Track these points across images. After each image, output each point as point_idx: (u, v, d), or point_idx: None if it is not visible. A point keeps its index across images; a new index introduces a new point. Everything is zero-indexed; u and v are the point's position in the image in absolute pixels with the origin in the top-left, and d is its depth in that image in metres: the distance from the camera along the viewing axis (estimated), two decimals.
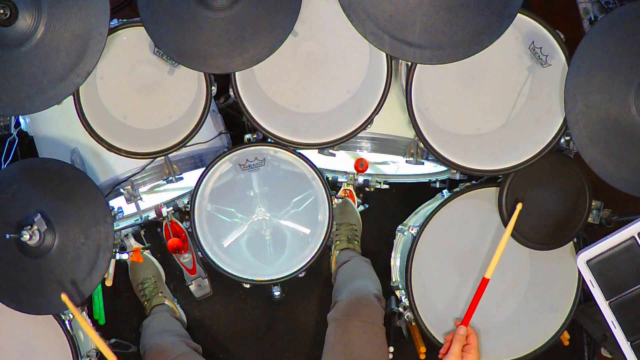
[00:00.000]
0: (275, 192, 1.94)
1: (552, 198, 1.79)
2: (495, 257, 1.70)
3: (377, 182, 2.16)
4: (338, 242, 2.25)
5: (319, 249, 1.89)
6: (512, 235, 1.79)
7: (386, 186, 2.17)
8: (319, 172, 1.88)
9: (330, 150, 1.86)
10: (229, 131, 2.08)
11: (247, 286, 1.93)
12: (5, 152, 2.00)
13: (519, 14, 1.62)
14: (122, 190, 1.85)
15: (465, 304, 1.84)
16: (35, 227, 1.61)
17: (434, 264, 1.86)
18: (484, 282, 1.71)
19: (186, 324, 2.27)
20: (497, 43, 1.59)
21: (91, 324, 1.79)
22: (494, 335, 1.84)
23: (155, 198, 2.07)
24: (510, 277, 1.86)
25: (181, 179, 1.89)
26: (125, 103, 1.80)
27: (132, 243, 2.23)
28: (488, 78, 1.77)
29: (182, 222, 2.07)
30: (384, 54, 1.74)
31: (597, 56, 1.60)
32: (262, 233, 1.94)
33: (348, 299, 1.88)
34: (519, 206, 1.73)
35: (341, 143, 1.81)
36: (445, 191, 1.95)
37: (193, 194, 1.86)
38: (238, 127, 2.14)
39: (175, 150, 1.80)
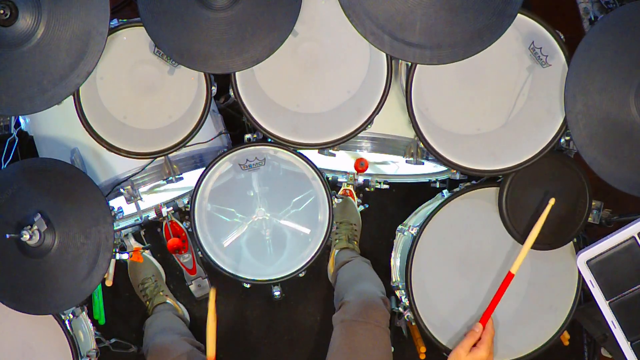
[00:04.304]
0: (275, 192, 1.94)
1: (552, 198, 1.79)
2: (522, 252, 1.67)
3: (377, 182, 2.16)
4: (337, 241, 2.24)
5: (319, 249, 1.88)
6: (513, 235, 1.79)
7: (386, 186, 2.17)
8: (319, 172, 1.87)
9: (330, 150, 1.85)
10: (229, 131, 2.08)
11: (247, 286, 1.93)
12: (5, 152, 2.00)
13: (519, 14, 1.62)
14: (122, 190, 1.85)
15: (465, 304, 1.84)
16: (35, 227, 1.61)
17: (434, 264, 1.86)
18: (509, 278, 1.68)
19: (189, 322, 2.27)
20: (497, 43, 1.59)
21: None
22: (494, 335, 1.83)
23: (155, 198, 2.07)
24: None
25: (181, 179, 1.89)
26: (125, 103, 1.80)
27: (132, 243, 2.23)
28: (488, 78, 1.77)
29: (182, 222, 2.07)
30: (384, 54, 1.73)
31: (597, 56, 1.60)
32: (262, 233, 1.94)
33: (356, 301, 1.85)
34: (552, 201, 1.69)
35: (341, 143, 1.81)
36: (445, 191, 1.95)
37: (193, 194, 1.86)
38: (238, 127, 2.14)
39: (175, 150, 1.80)
